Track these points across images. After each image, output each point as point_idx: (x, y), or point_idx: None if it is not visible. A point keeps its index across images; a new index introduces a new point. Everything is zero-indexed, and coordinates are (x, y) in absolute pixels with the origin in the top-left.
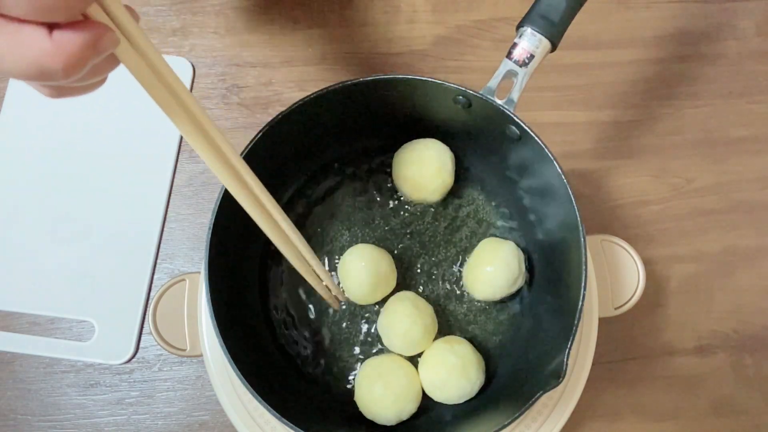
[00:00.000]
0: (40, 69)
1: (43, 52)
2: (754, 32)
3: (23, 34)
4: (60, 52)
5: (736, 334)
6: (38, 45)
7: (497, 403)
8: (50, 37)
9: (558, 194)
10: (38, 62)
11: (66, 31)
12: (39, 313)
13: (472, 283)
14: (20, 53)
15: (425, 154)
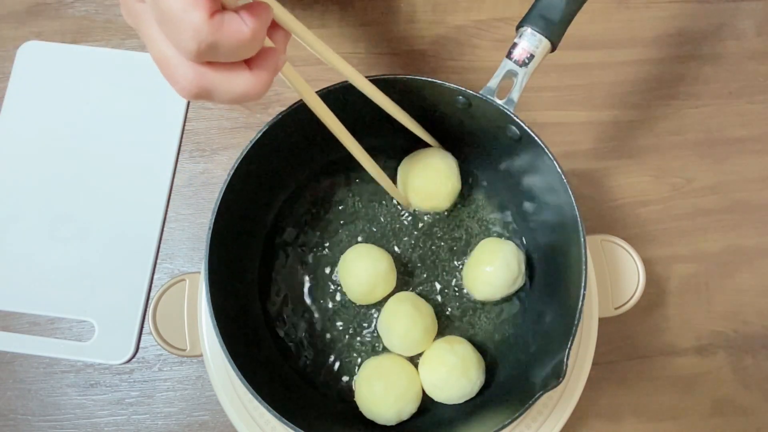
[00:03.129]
0: (245, 98)
1: (248, 86)
2: (754, 32)
3: (233, 75)
4: (259, 82)
5: (736, 334)
6: (244, 81)
7: (497, 403)
8: (251, 72)
9: (558, 194)
10: (244, 94)
11: (260, 64)
12: (39, 313)
13: (472, 283)
14: (231, 89)
15: (431, 162)
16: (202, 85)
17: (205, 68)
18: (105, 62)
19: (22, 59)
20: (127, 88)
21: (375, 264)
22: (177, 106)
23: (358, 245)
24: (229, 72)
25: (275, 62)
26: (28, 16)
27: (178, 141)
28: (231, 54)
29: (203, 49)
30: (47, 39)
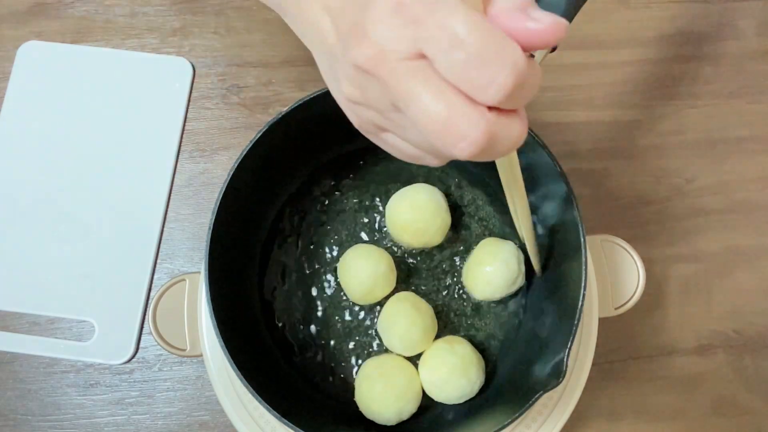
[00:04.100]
0: (515, 147)
1: (521, 133)
2: (754, 32)
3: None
4: (526, 128)
5: (736, 334)
6: (518, 128)
7: (497, 403)
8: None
9: (558, 194)
10: (517, 142)
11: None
12: (39, 313)
13: (472, 283)
14: (510, 137)
15: (418, 199)
16: (491, 134)
17: (493, 115)
18: (105, 62)
19: (22, 59)
20: (128, 88)
21: (375, 264)
22: (177, 106)
23: (358, 245)
24: (508, 118)
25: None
26: (28, 16)
27: (178, 141)
28: (525, 96)
29: (518, 85)
30: (47, 39)
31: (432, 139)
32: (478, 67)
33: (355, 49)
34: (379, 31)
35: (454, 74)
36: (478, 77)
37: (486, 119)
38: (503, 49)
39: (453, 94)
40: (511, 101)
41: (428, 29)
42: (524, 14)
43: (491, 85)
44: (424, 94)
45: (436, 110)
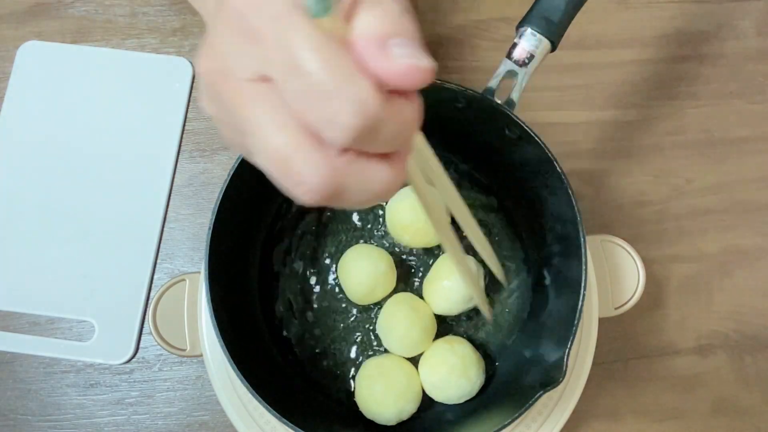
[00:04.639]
0: (378, 199)
1: (386, 183)
2: (754, 32)
3: (372, 169)
4: (398, 178)
5: (736, 334)
6: (383, 177)
7: (497, 403)
8: (390, 165)
9: (558, 194)
10: (380, 194)
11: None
12: (39, 313)
13: (429, 297)
14: (368, 188)
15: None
16: (337, 182)
17: (343, 160)
18: (105, 62)
19: (22, 59)
20: (127, 88)
21: (375, 264)
22: (177, 106)
23: (358, 245)
24: (368, 165)
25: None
26: (28, 16)
27: (178, 141)
28: (389, 141)
29: (366, 127)
30: (47, 39)
31: (273, 177)
32: (319, 101)
33: (202, 57)
34: (224, 42)
35: (295, 105)
36: (319, 112)
37: (330, 164)
38: (349, 82)
39: (296, 129)
40: (370, 144)
41: (270, 49)
42: (381, 49)
43: (333, 123)
44: (266, 124)
45: (276, 145)
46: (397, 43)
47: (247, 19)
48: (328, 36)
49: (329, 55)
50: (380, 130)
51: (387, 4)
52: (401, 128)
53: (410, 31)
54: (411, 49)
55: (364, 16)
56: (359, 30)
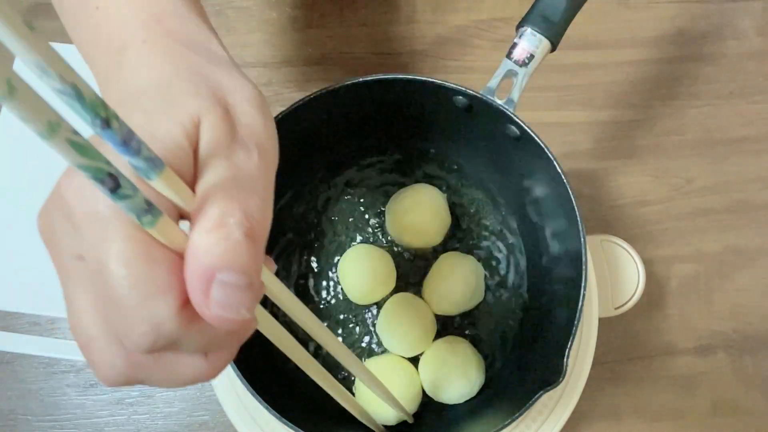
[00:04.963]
0: (189, 384)
1: (199, 374)
2: (754, 32)
3: (181, 362)
4: (216, 368)
5: (736, 334)
6: (195, 369)
7: (497, 403)
8: (206, 359)
9: (558, 194)
10: (192, 381)
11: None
12: (39, 313)
13: (429, 297)
14: (173, 378)
15: (418, 199)
16: (135, 377)
17: (145, 357)
18: None
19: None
20: None
21: (375, 264)
22: None
23: (358, 246)
24: (176, 360)
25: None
26: (28, 16)
27: None
28: (199, 349)
29: (158, 346)
30: (47, 39)
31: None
32: (117, 311)
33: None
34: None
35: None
36: (117, 321)
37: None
38: (148, 301)
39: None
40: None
41: (85, 247)
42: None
43: (127, 336)
44: (75, 301)
45: (81, 325)
46: (223, 281)
47: (70, 208)
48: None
49: (136, 270)
50: (183, 343)
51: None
52: (213, 340)
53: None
54: (232, 295)
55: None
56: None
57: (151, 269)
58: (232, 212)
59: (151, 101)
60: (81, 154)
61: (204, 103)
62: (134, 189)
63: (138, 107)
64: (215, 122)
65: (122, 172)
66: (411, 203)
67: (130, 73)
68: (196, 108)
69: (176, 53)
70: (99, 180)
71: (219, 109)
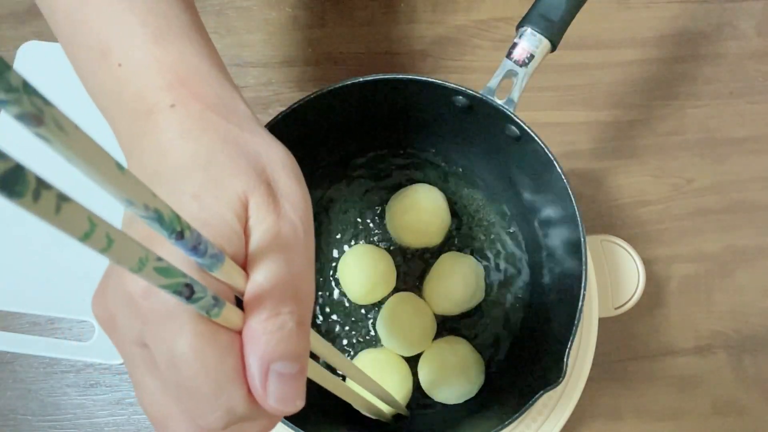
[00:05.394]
0: None
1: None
2: (754, 32)
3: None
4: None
5: (736, 334)
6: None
7: (497, 403)
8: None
9: (558, 194)
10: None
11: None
12: (39, 313)
13: (429, 297)
14: None
15: (418, 199)
16: None
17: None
18: None
19: (22, 59)
20: None
21: (374, 264)
22: None
23: (358, 245)
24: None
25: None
26: (28, 16)
27: None
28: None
29: (230, 425)
30: (47, 39)
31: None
32: (191, 399)
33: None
34: (115, 302)
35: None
36: (192, 407)
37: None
38: (220, 390)
39: (173, 399)
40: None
41: (151, 336)
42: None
43: (203, 419)
44: (146, 385)
45: (154, 406)
46: (279, 371)
47: (134, 301)
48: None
49: (208, 362)
50: (253, 417)
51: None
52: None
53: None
54: (287, 388)
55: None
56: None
57: (221, 360)
58: (284, 300)
59: (197, 183)
60: (165, 277)
61: (249, 181)
62: (204, 290)
63: (187, 190)
64: (262, 201)
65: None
66: (411, 203)
67: (163, 143)
68: (243, 187)
69: (209, 121)
70: (177, 293)
71: (263, 185)
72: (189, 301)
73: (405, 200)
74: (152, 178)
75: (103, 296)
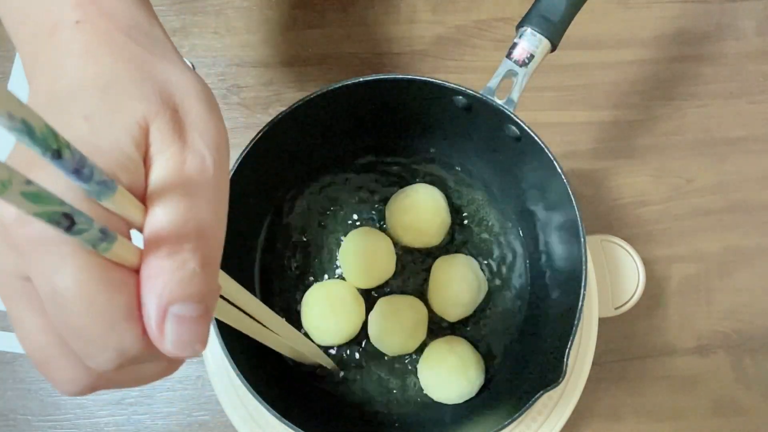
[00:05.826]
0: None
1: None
2: (754, 32)
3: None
4: (172, 368)
5: (736, 334)
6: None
7: (497, 403)
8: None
9: (558, 194)
10: (155, 378)
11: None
12: None
13: (441, 308)
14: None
15: (418, 199)
16: (95, 387)
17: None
18: None
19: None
20: None
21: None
22: None
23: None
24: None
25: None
26: None
27: None
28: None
29: (123, 366)
30: None
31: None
32: (79, 338)
33: None
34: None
35: (56, 325)
36: (79, 347)
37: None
38: (110, 329)
39: (56, 338)
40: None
41: (31, 268)
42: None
43: (92, 359)
44: (27, 322)
45: (36, 344)
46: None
47: (9, 231)
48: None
49: (96, 299)
50: (148, 358)
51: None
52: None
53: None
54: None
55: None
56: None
57: (111, 297)
58: (186, 237)
59: (92, 104)
60: (35, 203)
61: (152, 106)
62: (89, 221)
63: (78, 111)
64: (164, 126)
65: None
66: (411, 203)
67: (63, 62)
68: (144, 112)
69: (115, 42)
70: (54, 222)
71: (168, 111)
72: (69, 232)
73: (405, 200)
74: (45, 99)
75: None
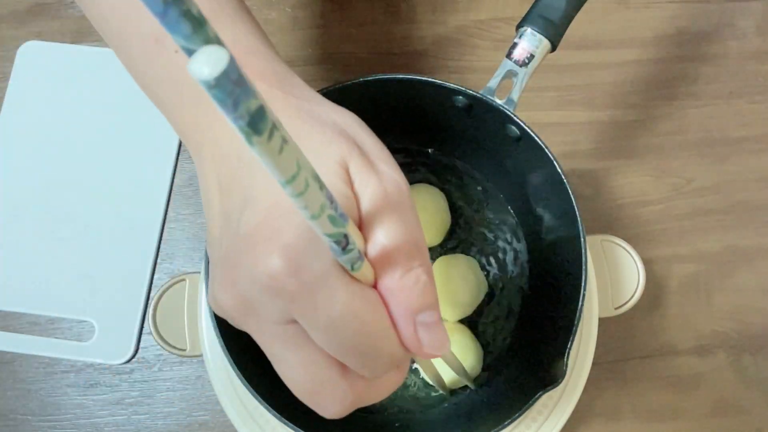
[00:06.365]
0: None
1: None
2: (754, 32)
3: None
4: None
5: (736, 334)
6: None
7: (497, 403)
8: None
9: (558, 194)
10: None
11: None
12: (39, 313)
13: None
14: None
15: (418, 199)
16: (357, 404)
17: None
18: (105, 62)
19: (22, 59)
20: (127, 88)
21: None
22: None
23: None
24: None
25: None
26: (28, 16)
27: (178, 140)
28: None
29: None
30: (47, 39)
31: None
32: (352, 356)
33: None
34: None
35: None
36: (352, 362)
37: (353, 391)
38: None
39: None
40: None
41: (304, 308)
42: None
43: (366, 370)
44: (292, 362)
45: (303, 381)
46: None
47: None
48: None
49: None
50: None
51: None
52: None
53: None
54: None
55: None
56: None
57: (376, 312)
58: (412, 255)
59: None
60: (334, 225)
61: (343, 147)
62: (355, 243)
63: None
64: (360, 162)
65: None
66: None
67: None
68: (340, 153)
69: (278, 100)
70: (337, 242)
71: (356, 149)
72: (344, 251)
73: None
74: (241, 163)
75: (233, 286)
